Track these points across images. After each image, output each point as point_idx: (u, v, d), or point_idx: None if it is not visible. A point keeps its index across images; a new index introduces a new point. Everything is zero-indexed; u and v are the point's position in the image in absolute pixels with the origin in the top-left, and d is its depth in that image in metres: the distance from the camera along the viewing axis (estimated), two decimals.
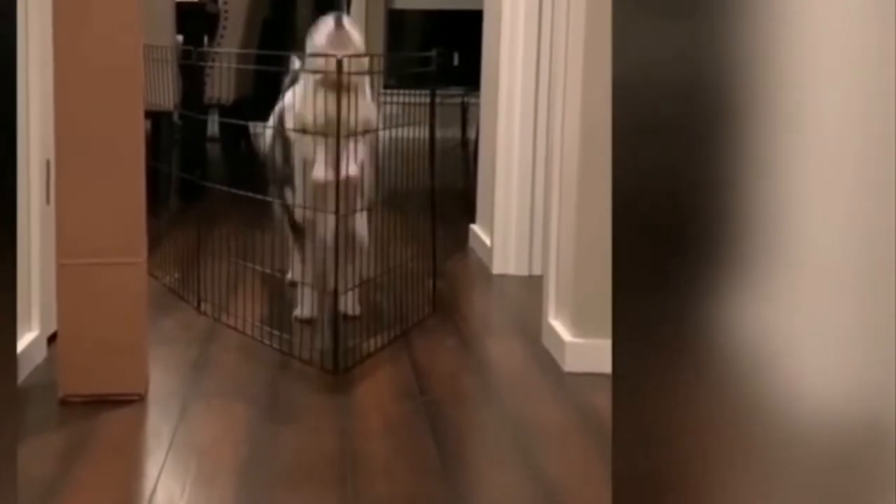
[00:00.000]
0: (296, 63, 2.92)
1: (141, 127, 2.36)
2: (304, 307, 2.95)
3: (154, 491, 1.95)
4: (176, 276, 3.36)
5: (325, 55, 2.64)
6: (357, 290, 3.01)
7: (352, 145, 2.66)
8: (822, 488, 1.28)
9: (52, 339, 2.60)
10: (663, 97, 1.28)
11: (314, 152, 2.71)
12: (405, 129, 2.93)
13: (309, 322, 2.92)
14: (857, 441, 1.28)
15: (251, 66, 5.09)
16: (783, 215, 1.29)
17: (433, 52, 3.01)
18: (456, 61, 7.02)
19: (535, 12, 3.61)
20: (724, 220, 1.28)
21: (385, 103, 4.74)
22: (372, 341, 2.82)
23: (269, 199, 2.82)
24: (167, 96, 3.98)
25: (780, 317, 1.30)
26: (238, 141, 6.12)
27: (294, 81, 2.85)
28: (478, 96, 4.24)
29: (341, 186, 2.59)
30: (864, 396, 1.28)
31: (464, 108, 7.00)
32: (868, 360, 1.28)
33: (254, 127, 4.73)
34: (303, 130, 2.71)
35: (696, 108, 1.28)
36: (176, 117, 4.83)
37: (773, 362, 1.29)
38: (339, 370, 2.58)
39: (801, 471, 1.28)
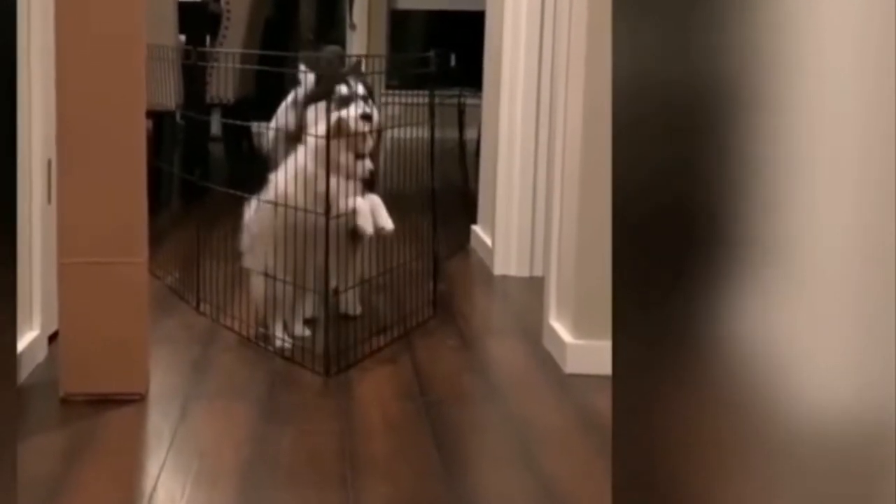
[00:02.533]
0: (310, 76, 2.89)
1: (142, 126, 2.36)
2: (297, 326, 2.87)
3: (154, 490, 1.95)
4: (175, 275, 3.35)
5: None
6: (357, 290, 3.01)
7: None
8: (823, 491, 1.28)
9: (53, 338, 2.60)
10: (663, 98, 1.28)
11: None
12: (406, 130, 2.93)
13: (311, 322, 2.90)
14: (858, 444, 1.28)
15: (253, 66, 5.09)
16: (784, 216, 1.29)
17: (431, 53, 3.00)
18: (453, 62, 6.99)
19: (537, 13, 3.61)
20: (724, 221, 1.28)
21: (386, 104, 4.73)
22: (372, 342, 2.81)
23: (269, 201, 2.81)
24: (169, 96, 3.98)
25: (782, 319, 1.29)
26: (240, 141, 6.11)
27: (312, 98, 2.82)
28: (476, 97, 4.23)
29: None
30: (865, 400, 1.28)
31: (460, 110, 6.97)
32: (869, 363, 1.28)
33: (257, 127, 4.73)
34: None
35: (696, 109, 1.28)
36: (178, 117, 4.83)
37: (774, 365, 1.29)
38: (329, 373, 2.57)
39: (802, 473, 1.28)
